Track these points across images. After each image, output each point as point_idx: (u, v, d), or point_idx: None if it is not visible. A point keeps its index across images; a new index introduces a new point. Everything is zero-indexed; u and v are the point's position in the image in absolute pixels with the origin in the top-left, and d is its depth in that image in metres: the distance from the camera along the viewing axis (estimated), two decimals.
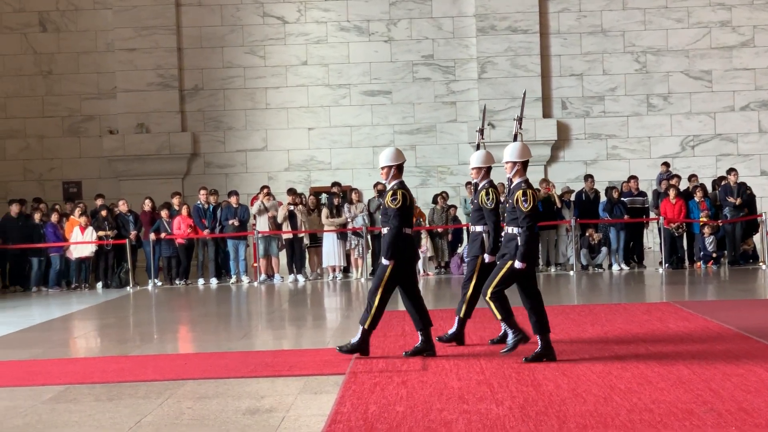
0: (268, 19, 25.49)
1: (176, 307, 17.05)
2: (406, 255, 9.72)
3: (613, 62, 25.35)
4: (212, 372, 9.36)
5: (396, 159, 9.90)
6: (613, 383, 8.00)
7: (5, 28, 25.47)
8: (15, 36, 25.48)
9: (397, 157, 9.92)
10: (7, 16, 25.45)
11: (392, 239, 9.61)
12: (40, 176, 25.46)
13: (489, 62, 25.12)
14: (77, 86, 25.51)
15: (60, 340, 13.02)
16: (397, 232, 9.62)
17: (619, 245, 20.30)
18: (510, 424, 6.72)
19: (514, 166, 9.62)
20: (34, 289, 20.08)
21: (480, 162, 10.51)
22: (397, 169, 9.90)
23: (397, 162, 9.89)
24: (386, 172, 9.90)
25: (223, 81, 25.49)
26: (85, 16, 25.53)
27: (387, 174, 9.90)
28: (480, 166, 10.51)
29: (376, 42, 25.44)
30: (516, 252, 9.28)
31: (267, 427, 7.02)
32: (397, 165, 9.89)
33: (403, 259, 9.69)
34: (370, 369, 9.05)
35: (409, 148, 25.23)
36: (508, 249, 9.42)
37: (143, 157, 25.07)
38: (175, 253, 20.20)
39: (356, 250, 20.00)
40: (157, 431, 7.04)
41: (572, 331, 11.25)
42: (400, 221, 9.65)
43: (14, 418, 7.62)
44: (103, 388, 8.75)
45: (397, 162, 9.89)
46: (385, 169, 9.89)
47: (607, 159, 25.32)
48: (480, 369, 8.86)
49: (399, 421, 6.93)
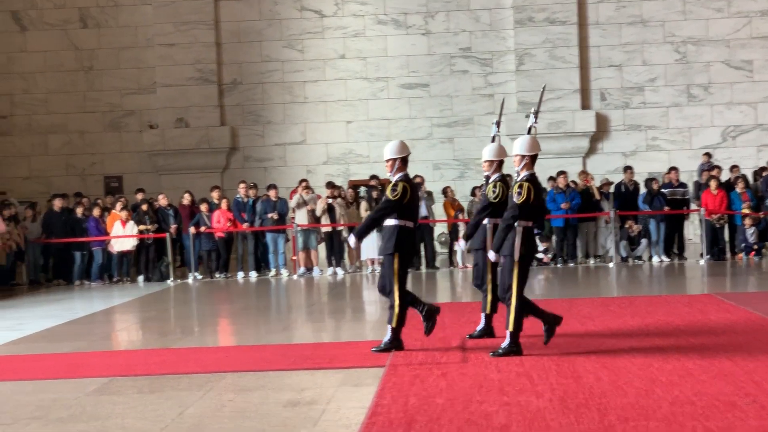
0: (306, 13, 25.53)
1: (216, 300, 17.16)
2: (406, 247, 9.70)
3: (653, 53, 25.16)
4: (253, 365, 9.41)
5: (401, 151, 9.83)
6: (655, 375, 7.95)
7: (46, 24, 25.71)
8: (56, 32, 25.71)
9: (402, 150, 9.85)
10: (48, 13, 25.69)
11: (366, 228, 9.85)
12: (82, 171, 25.69)
13: (527, 54, 25.02)
14: (118, 81, 25.70)
15: (103, 332, 13.16)
16: (380, 223, 9.75)
17: (659, 237, 20.18)
18: (550, 416, 6.70)
19: (523, 159, 9.50)
20: (77, 283, 20.30)
21: (492, 155, 10.44)
22: (402, 162, 9.81)
23: (402, 154, 9.82)
24: (391, 165, 9.81)
25: (262, 75, 25.57)
26: (124, 12, 25.71)
27: (392, 167, 9.81)
28: (492, 159, 10.43)
29: (414, 35, 25.41)
30: (512, 248, 9.24)
31: (307, 420, 7.05)
32: (401, 157, 9.82)
33: (405, 251, 9.68)
34: (409, 361, 9.07)
35: (446, 140, 25.23)
36: (508, 242, 9.35)
37: (183, 152, 25.23)
38: (214, 247, 20.32)
39: None
40: (199, 423, 7.10)
41: (612, 323, 11.20)
42: (392, 212, 9.65)
43: (59, 410, 7.71)
44: (145, 380, 8.83)
45: (401, 154, 9.82)
46: (390, 162, 9.80)
47: (647, 150, 25.14)
48: (519, 361, 8.84)
49: (439, 413, 6.94)
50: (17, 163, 25.70)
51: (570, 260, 20.30)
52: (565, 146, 24.88)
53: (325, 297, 16.53)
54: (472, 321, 11.63)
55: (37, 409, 7.80)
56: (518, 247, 9.24)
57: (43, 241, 20.53)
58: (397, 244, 9.61)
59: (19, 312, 15.84)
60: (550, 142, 24.79)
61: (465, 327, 11.24)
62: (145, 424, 7.10)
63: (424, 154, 24.98)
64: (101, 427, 7.08)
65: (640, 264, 19.80)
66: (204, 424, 7.06)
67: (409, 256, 9.82)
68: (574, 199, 20.11)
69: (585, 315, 11.96)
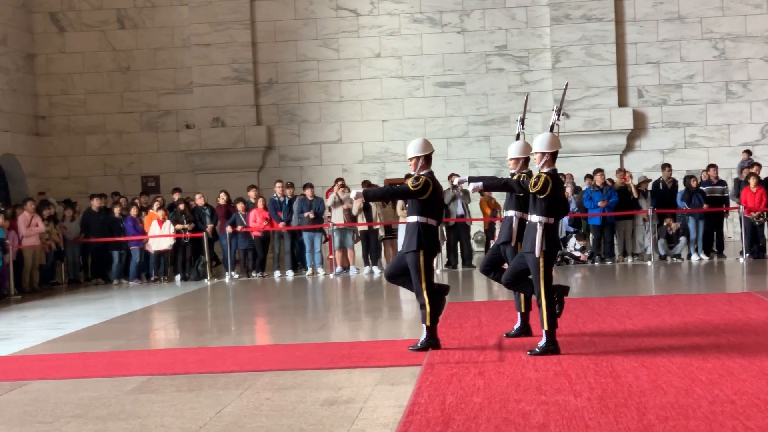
0: (341, 12, 25.57)
1: (253, 299, 17.22)
2: (430, 244, 9.66)
3: (691, 49, 24.97)
4: (290, 363, 9.43)
5: (424, 149, 9.78)
6: (694, 374, 7.89)
7: (84, 25, 25.92)
8: (94, 33, 25.91)
9: (425, 148, 9.80)
10: (86, 14, 25.90)
11: (376, 192, 10.10)
12: (120, 171, 25.88)
13: (563, 52, 24.91)
14: (154, 82, 25.87)
15: (141, 331, 13.25)
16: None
17: (698, 235, 20.03)
18: (589, 415, 6.66)
19: (543, 157, 9.40)
20: (115, 282, 20.46)
21: (518, 152, 10.38)
22: (425, 160, 9.76)
23: (426, 152, 9.78)
24: (414, 163, 9.78)
25: (297, 74, 25.64)
26: (161, 13, 25.87)
27: (416, 165, 9.78)
28: (518, 157, 10.37)
29: (449, 33, 25.38)
30: (533, 245, 9.16)
31: (345, 418, 7.05)
32: (425, 155, 9.78)
33: (429, 248, 9.64)
34: (446, 360, 9.05)
35: (483, 139, 25.19)
36: (530, 238, 9.30)
37: (219, 151, 25.35)
38: (251, 246, 20.39)
39: None
40: (237, 421, 7.12)
41: (651, 321, 11.12)
42: (422, 210, 9.64)
43: (98, 408, 7.77)
44: (183, 379, 8.87)
45: (425, 152, 9.78)
46: (413, 160, 9.77)
47: (685, 147, 24.96)
48: (557, 360, 8.80)
49: (476, 412, 6.91)
50: (56, 164, 25.94)
51: (607, 258, 20.19)
52: (603, 144, 24.76)
53: (362, 296, 16.54)
54: (509, 320, 11.59)
55: (77, 407, 7.86)
56: (539, 244, 9.16)
57: (82, 241, 20.71)
58: (420, 241, 9.58)
59: (59, 311, 15.98)
60: (586, 139, 24.70)
61: (502, 326, 11.20)
62: (184, 423, 7.13)
63: (460, 153, 24.95)
64: (140, 426, 7.12)
65: (678, 262, 19.66)
66: (242, 422, 7.08)
67: (432, 253, 9.77)
68: (611, 197, 20.00)
69: (623, 314, 11.88)
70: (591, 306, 12.77)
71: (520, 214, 10.14)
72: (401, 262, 9.84)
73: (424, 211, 9.68)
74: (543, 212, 9.23)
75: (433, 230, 9.74)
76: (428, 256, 9.66)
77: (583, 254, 19.99)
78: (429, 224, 9.69)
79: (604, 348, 9.35)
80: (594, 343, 9.65)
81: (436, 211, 9.80)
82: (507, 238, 10.22)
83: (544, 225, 9.21)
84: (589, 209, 20.14)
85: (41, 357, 10.79)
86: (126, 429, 7.05)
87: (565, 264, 19.90)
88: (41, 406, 7.96)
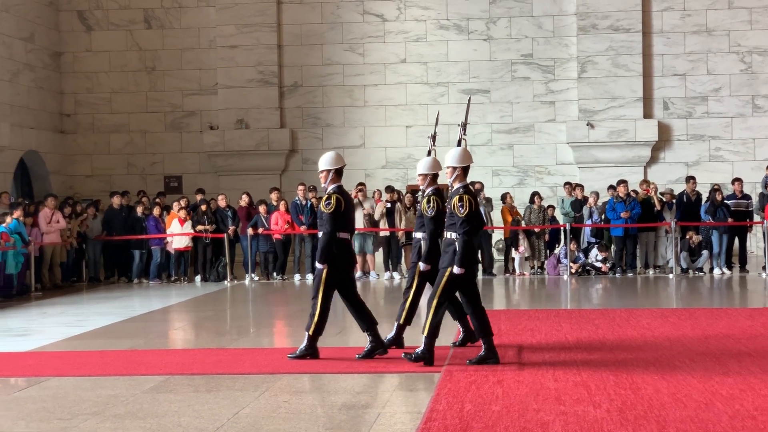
0: (368, 17, 25.58)
1: (272, 301, 17.22)
2: (338, 258, 9.77)
3: (718, 62, 24.84)
4: (308, 367, 9.41)
5: (335, 163, 10.01)
6: (715, 389, 7.82)
7: (111, 24, 26.03)
8: (120, 33, 26.02)
9: (336, 161, 10.03)
10: (113, 13, 26.01)
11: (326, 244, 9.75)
12: (143, 170, 25.96)
13: (589, 61, 24.83)
14: (180, 82, 25.95)
15: (160, 331, 13.27)
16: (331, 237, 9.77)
17: (721, 249, 19.89)
18: (608, 427, 6.61)
19: (454, 171, 9.55)
20: (136, 281, 20.50)
21: (426, 169, 10.33)
22: (336, 173, 9.96)
23: (336, 166, 9.99)
24: (324, 177, 9.97)
25: (322, 78, 25.66)
26: (188, 14, 25.95)
27: (326, 178, 9.96)
28: (426, 173, 10.31)
29: (476, 40, 25.34)
30: (450, 260, 9.24)
31: (362, 423, 7.03)
32: (336, 169, 9.97)
33: (335, 263, 9.75)
34: (465, 368, 9.02)
35: (506, 147, 25.13)
36: (447, 254, 9.34)
37: (242, 153, 25.40)
38: (272, 249, 20.40)
39: None
40: (254, 423, 7.11)
41: (672, 334, 11.05)
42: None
43: (116, 407, 7.77)
44: (201, 380, 8.88)
45: (336, 166, 9.99)
46: (323, 174, 9.97)
47: (710, 161, 24.82)
48: (576, 370, 8.75)
49: (495, 420, 6.88)
50: (80, 161, 26.05)
51: (629, 270, 20.09)
52: (626, 155, 24.65)
53: (382, 301, 16.51)
54: (528, 328, 11.55)
55: (96, 404, 7.87)
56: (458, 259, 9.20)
57: (104, 239, 20.76)
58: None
59: (79, 308, 16.04)
60: (611, 150, 24.61)
61: (522, 334, 11.16)
62: (201, 423, 7.13)
63: (483, 161, 24.89)
64: (158, 425, 7.12)
65: (700, 276, 19.53)
66: (259, 424, 7.07)
67: (338, 268, 9.80)
68: (634, 208, 19.90)
69: (644, 326, 11.81)
70: (612, 317, 12.71)
71: (426, 236, 10.14)
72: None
73: (335, 225, 9.78)
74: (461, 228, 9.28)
75: (345, 244, 9.90)
76: (334, 271, 9.75)
77: (605, 265, 19.90)
78: (341, 238, 9.83)
79: (624, 360, 9.30)
80: (614, 354, 9.60)
81: (347, 225, 9.97)
82: (415, 259, 10.28)
83: (463, 241, 9.24)
84: (612, 220, 20.05)
85: (60, 354, 10.82)
86: (143, 428, 7.05)
87: (586, 274, 19.81)
88: (60, 403, 7.98)
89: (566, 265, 19.70)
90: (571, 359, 9.43)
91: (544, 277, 19.97)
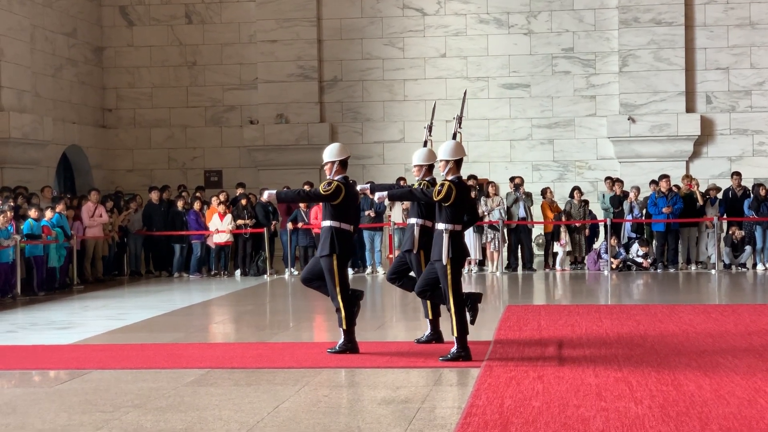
0: (408, 11, 25.53)
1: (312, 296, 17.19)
2: (343, 248, 9.79)
3: (762, 55, 24.54)
4: (348, 361, 9.43)
5: (339, 154, 10.03)
6: (758, 385, 7.74)
7: (153, 20, 26.18)
8: (162, 28, 26.16)
9: (340, 152, 10.06)
10: (155, 8, 26.16)
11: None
12: (183, 165, 26.10)
13: (631, 55, 24.63)
14: (220, 77, 26.05)
15: (200, 325, 13.35)
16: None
17: (764, 244, 19.68)
18: (649, 423, 6.56)
19: (447, 164, 9.59)
20: (176, 275, 20.63)
21: (422, 159, 10.47)
22: (341, 165, 10.00)
23: (340, 157, 10.01)
24: (329, 168, 10.00)
25: (362, 72, 25.66)
26: (229, 9, 26.04)
27: (330, 170, 9.98)
28: (422, 164, 10.44)
29: (516, 35, 25.21)
30: (440, 253, 9.24)
31: (402, 418, 7.02)
32: (340, 160, 9.99)
33: (342, 252, 9.78)
34: (505, 363, 8.99)
35: (546, 142, 24.99)
36: (436, 246, 9.36)
37: (282, 148, 25.45)
38: (311, 243, 20.42)
39: (492, 243, 19.92)
40: (294, 417, 7.12)
41: (714, 330, 10.95)
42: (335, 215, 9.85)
43: (157, 400, 7.82)
44: (242, 373, 8.91)
45: (339, 157, 10.00)
46: (328, 165, 10.01)
47: (753, 155, 24.54)
48: (617, 366, 8.69)
49: (535, 416, 6.85)
50: (122, 156, 26.23)
51: (671, 266, 19.93)
52: (668, 149, 24.44)
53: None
54: (569, 324, 11.50)
55: (137, 397, 7.92)
56: (446, 251, 9.24)
57: (144, 233, 20.91)
58: (334, 246, 9.75)
59: (120, 302, 16.17)
60: (652, 144, 24.41)
61: (562, 330, 11.11)
62: (242, 416, 7.16)
63: (523, 155, 24.79)
64: (198, 418, 7.15)
65: (743, 271, 19.34)
66: (299, 418, 7.08)
67: (346, 257, 9.90)
68: (676, 203, 19.74)
69: (686, 322, 11.71)
70: (653, 313, 12.61)
71: (422, 222, 10.22)
72: (316, 267, 10.04)
73: (338, 215, 9.86)
74: (448, 220, 9.37)
75: (347, 235, 9.90)
76: (342, 261, 9.82)
77: (646, 260, 19.75)
78: (343, 229, 9.86)
79: (666, 356, 9.23)
80: (656, 350, 9.53)
81: (350, 216, 9.99)
82: (410, 246, 10.30)
83: (450, 232, 9.31)
84: (654, 215, 19.90)
85: (102, 347, 10.91)
86: (184, 420, 7.08)
87: (627, 270, 19.67)
88: (102, 395, 8.04)
89: (607, 261, 19.59)
90: (612, 355, 9.37)
91: (584, 272, 19.86)
